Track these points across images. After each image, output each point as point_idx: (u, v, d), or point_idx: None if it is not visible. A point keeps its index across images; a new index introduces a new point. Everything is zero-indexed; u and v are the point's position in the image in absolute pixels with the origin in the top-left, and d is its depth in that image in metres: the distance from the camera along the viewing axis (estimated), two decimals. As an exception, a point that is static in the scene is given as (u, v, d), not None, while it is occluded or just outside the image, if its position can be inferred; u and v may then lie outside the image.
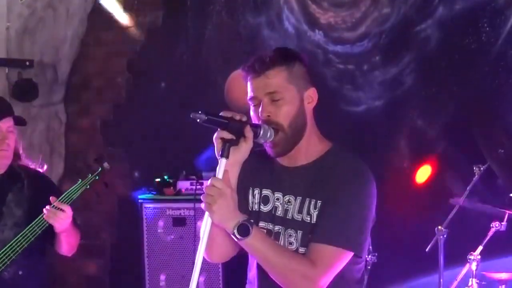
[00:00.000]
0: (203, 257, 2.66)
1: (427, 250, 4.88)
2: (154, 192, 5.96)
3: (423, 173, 5.66)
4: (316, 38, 6.14)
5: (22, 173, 4.11)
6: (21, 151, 4.18)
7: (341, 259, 2.69)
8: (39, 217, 3.84)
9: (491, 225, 4.70)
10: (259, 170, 2.92)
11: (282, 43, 6.20)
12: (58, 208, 3.80)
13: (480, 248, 4.66)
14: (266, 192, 2.90)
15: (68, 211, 3.81)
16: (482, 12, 5.56)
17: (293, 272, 2.66)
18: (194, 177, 5.95)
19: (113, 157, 6.95)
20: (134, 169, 6.86)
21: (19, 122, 4.14)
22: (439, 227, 4.82)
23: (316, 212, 2.73)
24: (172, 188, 5.95)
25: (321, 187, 2.74)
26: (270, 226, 2.87)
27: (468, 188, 4.93)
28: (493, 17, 5.53)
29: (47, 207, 3.80)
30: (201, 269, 5.59)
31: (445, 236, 4.80)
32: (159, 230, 5.80)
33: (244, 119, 2.70)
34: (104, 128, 7.01)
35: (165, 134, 6.50)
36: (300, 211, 2.78)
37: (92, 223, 6.58)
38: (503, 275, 4.66)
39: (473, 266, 4.61)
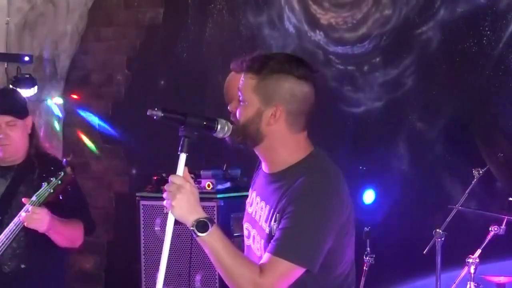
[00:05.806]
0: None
1: (424, 252, 4.87)
2: (151, 190, 5.93)
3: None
4: (317, 38, 6.13)
5: (36, 163, 4.00)
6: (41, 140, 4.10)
7: (291, 274, 2.65)
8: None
9: (490, 229, 4.68)
10: (259, 172, 2.97)
11: (282, 43, 6.19)
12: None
13: (479, 251, 4.65)
14: (253, 194, 2.92)
15: (42, 213, 3.69)
16: (483, 15, 5.55)
17: (241, 276, 2.63)
18: (192, 175, 5.91)
19: (111, 154, 6.96)
20: (131, 166, 6.85)
21: (19, 115, 4.02)
22: (437, 229, 4.80)
23: (276, 225, 2.71)
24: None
25: (281, 200, 2.71)
26: (250, 228, 2.89)
27: (467, 191, 4.92)
28: (494, 21, 5.52)
29: (22, 213, 3.67)
30: (197, 267, 5.58)
31: (442, 239, 4.78)
32: (156, 228, 5.76)
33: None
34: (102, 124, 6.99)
35: (164, 132, 6.46)
36: (266, 220, 2.77)
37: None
38: (502, 279, 4.65)
39: (472, 269, 4.60)
